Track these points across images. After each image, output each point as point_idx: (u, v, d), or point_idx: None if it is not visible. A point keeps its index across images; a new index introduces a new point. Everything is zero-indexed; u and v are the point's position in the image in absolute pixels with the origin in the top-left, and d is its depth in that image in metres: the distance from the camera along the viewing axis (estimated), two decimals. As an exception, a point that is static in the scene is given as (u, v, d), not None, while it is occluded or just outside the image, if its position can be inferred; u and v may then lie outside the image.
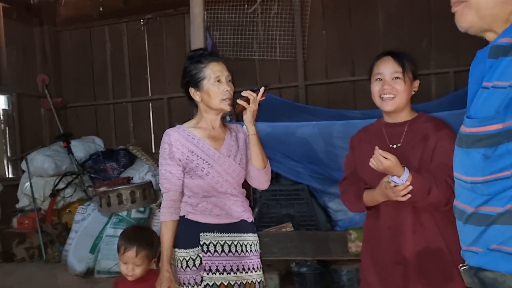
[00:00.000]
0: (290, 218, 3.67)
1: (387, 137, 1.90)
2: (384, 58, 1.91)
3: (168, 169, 1.99)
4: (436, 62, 5.14)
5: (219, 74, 2.00)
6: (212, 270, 1.99)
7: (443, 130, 1.83)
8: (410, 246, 1.80)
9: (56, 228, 4.85)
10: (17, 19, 5.91)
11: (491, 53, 1.01)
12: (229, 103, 2.01)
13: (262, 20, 5.40)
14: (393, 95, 1.85)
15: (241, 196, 2.09)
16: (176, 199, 2.00)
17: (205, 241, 2.00)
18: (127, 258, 2.09)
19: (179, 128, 2.06)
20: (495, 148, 0.97)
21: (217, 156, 2.01)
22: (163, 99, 5.93)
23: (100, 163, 5.10)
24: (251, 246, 2.07)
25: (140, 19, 6.00)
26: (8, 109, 5.73)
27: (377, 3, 5.27)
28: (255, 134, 2.03)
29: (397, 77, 1.85)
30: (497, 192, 0.99)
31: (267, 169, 2.09)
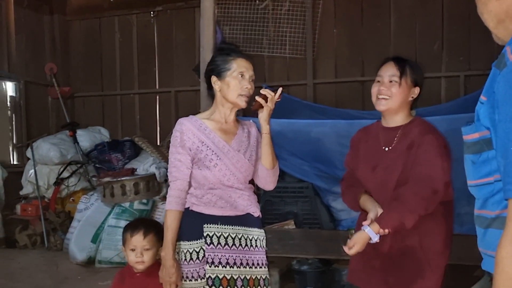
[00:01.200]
0: (293, 216, 3.65)
1: (382, 140, 2.00)
2: (387, 63, 1.99)
3: (178, 157, 1.98)
4: (446, 65, 5.09)
5: (244, 70, 2.00)
6: (215, 262, 1.96)
7: (427, 135, 1.89)
8: (388, 243, 1.90)
9: (59, 217, 4.86)
10: (28, 7, 5.92)
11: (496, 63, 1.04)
12: (245, 100, 2.00)
13: (272, 17, 5.37)
14: (388, 97, 1.92)
15: (248, 191, 2.07)
16: (183, 188, 1.98)
17: (208, 233, 1.97)
18: (135, 243, 2.07)
19: (191, 118, 2.05)
20: (479, 155, 1.03)
21: (227, 149, 2.00)
22: (170, 92, 5.92)
23: (105, 154, 5.09)
24: (256, 241, 2.05)
25: (150, 11, 5.99)
26: (15, 96, 5.74)
27: (389, 4, 5.23)
28: (268, 134, 2.02)
29: (394, 80, 1.93)
30: (487, 196, 1.04)
31: (275, 170, 2.08)
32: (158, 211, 4.40)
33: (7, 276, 3.89)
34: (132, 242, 2.09)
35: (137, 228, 2.12)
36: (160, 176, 4.50)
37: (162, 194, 4.49)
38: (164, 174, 4.63)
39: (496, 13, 1.08)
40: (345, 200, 2.10)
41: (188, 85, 5.72)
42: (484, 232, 1.09)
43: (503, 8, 1.06)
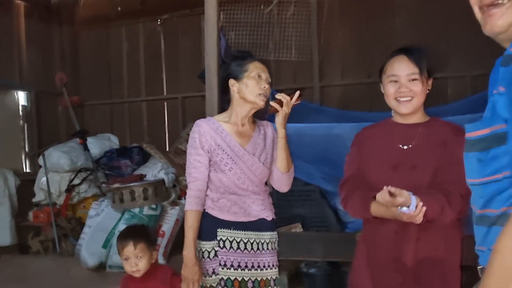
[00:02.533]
0: (300, 219, 3.67)
1: (397, 138, 1.82)
2: (398, 57, 1.80)
3: (198, 158, 2.03)
4: (453, 65, 5.07)
5: (261, 71, 2.06)
6: (227, 265, 2.02)
7: (461, 137, 1.73)
8: (411, 254, 1.73)
9: (70, 223, 4.93)
10: (38, 19, 6.03)
11: (503, 62, 1.03)
12: (264, 99, 2.04)
13: (278, 21, 5.40)
14: (410, 98, 1.77)
15: (263, 194, 2.11)
16: (202, 189, 2.03)
17: (221, 237, 2.03)
18: (127, 253, 2.12)
19: (209, 119, 2.10)
20: (487, 151, 1.01)
21: (242, 153, 2.04)
22: (177, 98, 5.98)
23: (114, 160, 5.16)
24: (268, 244, 2.09)
25: (157, 19, 6.07)
26: (27, 105, 5.85)
27: (394, 5, 5.23)
28: (284, 138, 2.04)
29: (414, 78, 1.76)
30: (493, 194, 1.02)
31: (290, 174, 2.11)
32: (167, 216, 4.44)
33: (21, 281, 3.95)
34: (124, 253, 2.13)
35: (127, 239, 2.15)
36: (169, 181, 4.54)
37: (171, 199, 4.53)
38: (172, 179, 4.68)
39: None
40: (351, 205, 1.85)
41: (195, 91, 5.77)
42: (488, 231, 1.07)
43: None
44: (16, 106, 5.79)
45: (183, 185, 4.72)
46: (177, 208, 4.44)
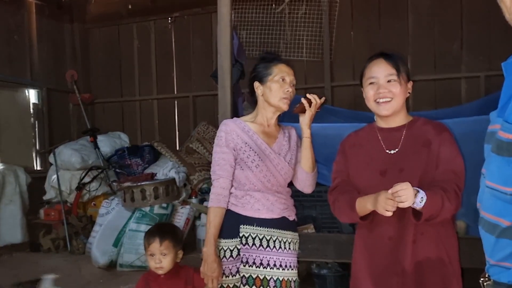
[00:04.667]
0: (312, 220, 3.65)
1: (382, 142, 1.82)
2: (376, 61, 1.82)
3: (222, 156, 2.05)
4: (466, 65, 5.02)
5: (285, 74, 2.07)
6: (249, 262, 2.02)
7: (444, 133, 1.76)
8: (410, 257, 1.72)
9: (81, 221, 4.95)
10: (49, 16, 6.05)
11: None
12: (287, 103, 2.06)
13: (289, 20, 5.38)
14: (390, 98, 1.78)
15: (286, 194, 2.13)
16: (226, 186, 2.04)
17: (244, 233, 2.03)
18: (153, 249, 2.13)
19: (236, 120, 2.14)
20: None
21: (269, 151, 2.06)
22: (188, 97, 5.98)
23: (125, 159, 5.17)
24: (289, 244, 2.09)
25: (168, 17, 6.07)
26: (38, 103, 5.87)
27: (407, 5, 5.19)
28: (309, 137, 2.09)
29: (392, 79, 1.78)
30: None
31: (314, 174, 2.15)
32: (178, 215, 4.44)
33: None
34: (150, 249, 2.15)
35: (153, 235, 2.18)
36: (180, 180, 4.54)
37: (181, 198, 4.53)
38: (183, 178, 4.68)
39: None
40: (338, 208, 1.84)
41: (206, 90, 5.77)
42: (496, 242, 1.04)
43: None
44: (27, 104, 5.81)
45: (194, 184, 4.72)
46: (187, 207, 4.44)
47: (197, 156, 4.96)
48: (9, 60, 5.53)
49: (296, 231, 2.15)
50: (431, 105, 4.90)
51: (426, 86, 5.14)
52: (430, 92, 5.09)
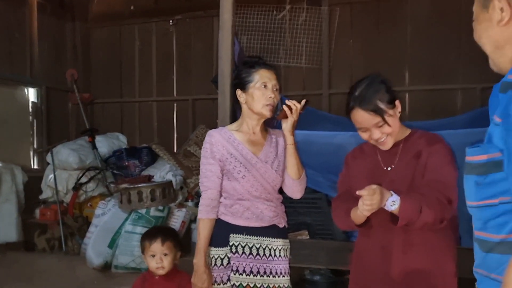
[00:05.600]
0: (306, 226, 3.69)
1: (381, 160, 1.87)
2: (356, 112, 1.79)
3: (209, 168, 2.07)
4: (463, 77, 5.08)
5: (267, 80, 2.07)
6: (239, 270, 2.05)
7: (435, 145, 1.78)
8: (399, 267, 1.76)
9: (76, 221, 4.96)
10: (51, 14, 6.07)
11: (501, 88, 1.05)
12: (270, 109, 2.07)
13: (289, 27, 5.42)
14: (385, 137, 1.80)
15: (276, 201, 2.15)
16: (214, 197, 2.07)
17: (234, 242, 2.06)
18: (154, 249, 2.17)
19: (221, 129, 2.15)
20: (485, 176, 1.04)
21: (255, 161, 2.07)
22: (188, 100, 6.00)
23: (123, 160, 5.18)
24: (280, 251, 2.12)
25: (170, 20, 6.09)
26: (37, 102, 5.88)
27: (406, 15, 5.24)
28: (293, 144, 2.08)
29: (379, 124, 1.78)
30: (488, 218, 1.05)
31: (301, 180, 2.14)
32: (174, 218, 4.46)
33: (25, 279, 3.98)
34: (151, 249, 2.19)
35: (156, 235, 2.22)
36: (177, 183, 4.57)
37: (178, 201, 4.55)
38: (180, 181, 4.70)
39: (496, 39, 1.10)
40: (336, 215, 1.92)
41: (206, 94, 5.80)
42: (485, 256, 1.09)
43: (504, 35, 1.08)
44: (26, 102, 5.82)
45: (190, 187, 4.75)
46: (183, 210, 4.46)
47: (194, 159, 4.99)
48: (9, 58, 5.54)
49: (287, 238, 2.17)
50: (427, 115, 4.94)
51: (422, 96, 5.19)
52: (427, 102, 5.14)
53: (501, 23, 1.07)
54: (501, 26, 1.07)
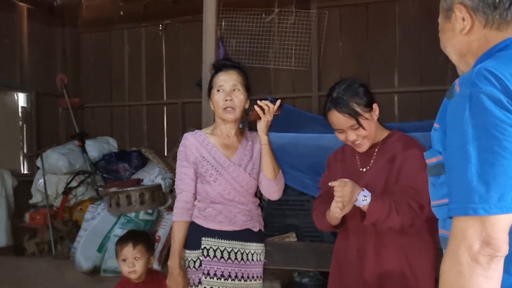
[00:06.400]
0: (294, 228, 3.69)
1: (358, 161, 1.90)
2: (332, 113, 1.82)
3: (183, 170, 2.08)
4: (452, 78, 5.10)
5: (222, 83, 2.08)
6: (210, 274, 2.05)
7: (411, 149, 1.80)
8: (372, 268, 1.78)
9: (66, 225, 4.95)
10: (40, 20, 6.07)
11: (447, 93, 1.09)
12: (230, 111, 2.06)
13: (278, 30, 5.44)
14: (361, 139, 1.83)
15: (250, 205, 2.14)
16: (188, 200, 2.07)
17: (205, 246, 2.06)
18: (126, 253, 2.17)
19: (196, 133, 2.15)
20: (438, 177, 1.08)
21: (227, 164, 2.08)
22: (177, 104, 6.01)
23: (113, 164, 5.19)
24: (253, 255, 2.12)
25: (159, 24, 6.10)
26: (27, 106, 5.88)
27: (394, 17, 5.28)
28: (267, 144, 2.08)
29: (354, 127, 1.81)
30: (444, 217, 1.08)
31: (278, 180, 2.13)
32: (164, 221, 4.46)
33: (15, 283, 3.98)
34: (122, 253, 2.19)
35: (127, 240, 2.22)
36: (166, 186, 4.57)
37: (167, 204, 4.55)
38: (169, 184, 4.70)
39: (458, 48, 1.14)
40: (315, 215, 1.96)
41: (195, 97, 5.78)
42: None
43: (466, 44, 1.12)
44: (15, 107, 5.82)
45: (179, 190, 4.75)
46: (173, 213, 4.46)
47: (184, 162, 5.00)
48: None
49: (262, 241, 2.16)
50: (417, 116, 4.97)
51: (412, 98, 5.22)
52: (416, 103, 5.17)
53: (463, 32, 1.11)
54: (463, 35, 1.11)
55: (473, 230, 0.92)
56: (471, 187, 0.92)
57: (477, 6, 1.08)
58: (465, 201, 0.93)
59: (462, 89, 0.98)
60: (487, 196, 0.90)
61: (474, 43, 1.10)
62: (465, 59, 1.14)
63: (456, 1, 1.11)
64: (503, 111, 0.92)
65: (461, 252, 0.92)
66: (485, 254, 0.90)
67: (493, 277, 0.91)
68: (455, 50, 1.16)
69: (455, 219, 0.96)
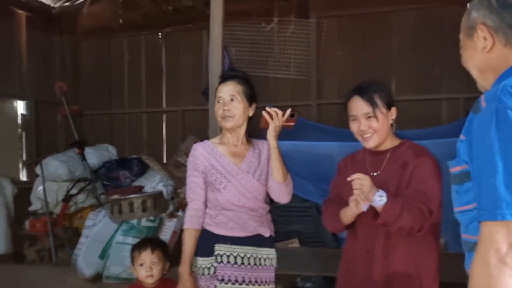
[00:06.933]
0: (297, 234, 3.74)
1: (369, 165, 1.97)
2: (353, 98, 1.94)
3: (193, 179, 2.16)
4: (447, 87, 5.22)
5: (221, 94, 2.17)
6: (224, 279, 2.10)
7: (422, 157, 1.88)
8: (380, 269, 1.85)
9: (66, 232, 4.94)
10: (39, 28, 6.09)
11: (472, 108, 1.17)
12: (229, 120, 2.14)
13: (278, 39, 5.52)
14: (371, 133, 1.91)
15: (260, 211, 2.20)
16: (199, 208, 2.14)
17: (219, 252, 2.11)
18: (144, 258, 2.21)
19: (205, 143, 2.23)
20: (462, 185, 1.16)
21: (236, 171, 2.14)
22: (177, 111, 6.05)
23: (113, 171, 5.20)
24: (265, 260, 2.18)
25: (159, 33, 6.16)
26: (26, 114, 5.88)
27: (391, 27, 5.38)
28: (276, 148, 2.14)
29: (370, 116, 1.89)
30: (468, 222, 1.15)
31: (287, 183, 2.19)
32: (165, 228, 4.48)
33: (17, 290, 3.97)
34: (141, 257, 2.23)
35: (145, 245, 2.27)
36: (167, 193, 4.59)
37: (169, 211, 4.57)
38: (171, 191, 4.73)
39: (479, 64, 1.22)
40: (326, 216, 2.03)
41: (195, 105, 5.86)
42: (468, 255, 1.18)
43: (487, 61, 1.20)
44: (15, 114, 5.81)
45: (181, 197, 4.78)
46: (174, 220, 4.48)
47: (184, 170, 4.98)
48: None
49: (273, 247, 2.23)
50: (413, 125, 5.05)
51: (408, 106, 5.30)
52: (412, 112, 5.26)
53: (484, 50, 1.20)
54: (484, 53, 1.20)
55: (501, 234, 0.99)
56: (499, 195, 1.00)
57: (498, 26, 1.16)
58: (494, 208, 1.00)
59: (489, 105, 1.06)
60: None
61: (494, 61, 1.18)
62: (485, 75, 1.22)
63: (478, 21, 1.19)
64: None
65: (490, 254, 0.99)
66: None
67: None
68: (476, 66, 1.24)
69: (484, 224, 1.03)
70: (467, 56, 1.26)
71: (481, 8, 1.19)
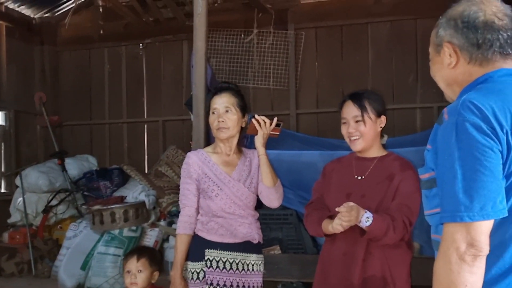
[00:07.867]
0: (278, 241, 3.82)
1: (355, 169, 2.07)
2: (346, 102, 2.07)
3: (186, 187, 2.23)
4: (421, 96, 5.40)
5: (216, 106, 2.25)
6: (213, 284, 2.18)
7: (408, 171, 1.99)
8: (358, 273, 1.95)
9: (46, 244, 4.91)
10: (19, 38, 6.06)
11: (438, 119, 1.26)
12: (223, 131, 2.22)
13: (257, 50, 5.63)
14: (358, 137, 2.01)
15: (250, 218, 2.28)
16: (191, 214, 2.22)
17: (209, 257, 2.19)
18: (130, 265, 2.27)
19: (198, 151, 2.32)
20: (430, 190, 1.25)
21: (227, 180, 2.22)
22: (158, 122, 6.08)
23: (93, 182, 5.19)
24: (253, 266, 2.26)
25: (139, 43, 6.20)
26: (5, 125, 5.83)
27: (367, 39, 5.55)
28: (265, 155, 2.23)
29: (358, 120, 2.00)
30: (436, 223, 1.24)
31: (277, 188, 2.28)
32: (147, 237, 4.50)
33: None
34: (127, 265, 2.28)
35: (132, 253, 2.32)
36: (149, 203, 4.62)
37: (150, 221, 4.60)
38: (153, 201, 4.76)
39: (446, 78, 1.32)
40: (309, 221, 2.09)
41: (176, 115, 5.91)
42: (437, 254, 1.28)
43: (453, 76, 1.29)
44: (-7, 125, 5.77)
45: (163, 207, 4.81)
46: (156, 229, 4.51)
47: (166, 179, 5.06)
48: (-23, 81, 5.50)
49: (261, 253, 2.31)
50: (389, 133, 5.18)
51: (384, 115, 5.46)
52: (389, 121, 5.35)
53: (449, 66, 1.29)
54: (450, 69, 1.29)
55: (460, 234, 1.10)
56: (458, 199, 1.10)
57: (463, 45, 1.25)
58: (454, 211, 1.11)
59: (450, 118, 1.16)
60: (471, 206, 1.09)
61: (459, 76, 1.28)
62: (452, 88, 1.32)
63: (445, 39, 1.28)
64: (484, 136, 1.10)
65: (451, 252, 1.10)
66: (470, 254, 1.09)
67: (476, 272, 1.09)
68: (443, 80, 1.33)
69: (445, 225, 1.14)
70: (435, 70, 1.35)
71: (448, 27, 1.28)
